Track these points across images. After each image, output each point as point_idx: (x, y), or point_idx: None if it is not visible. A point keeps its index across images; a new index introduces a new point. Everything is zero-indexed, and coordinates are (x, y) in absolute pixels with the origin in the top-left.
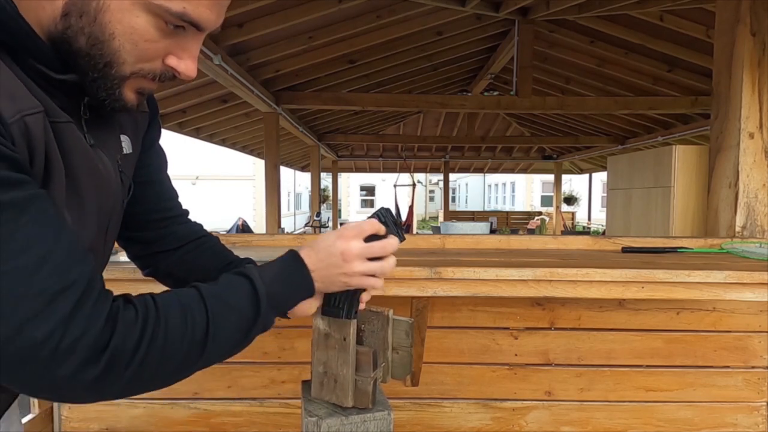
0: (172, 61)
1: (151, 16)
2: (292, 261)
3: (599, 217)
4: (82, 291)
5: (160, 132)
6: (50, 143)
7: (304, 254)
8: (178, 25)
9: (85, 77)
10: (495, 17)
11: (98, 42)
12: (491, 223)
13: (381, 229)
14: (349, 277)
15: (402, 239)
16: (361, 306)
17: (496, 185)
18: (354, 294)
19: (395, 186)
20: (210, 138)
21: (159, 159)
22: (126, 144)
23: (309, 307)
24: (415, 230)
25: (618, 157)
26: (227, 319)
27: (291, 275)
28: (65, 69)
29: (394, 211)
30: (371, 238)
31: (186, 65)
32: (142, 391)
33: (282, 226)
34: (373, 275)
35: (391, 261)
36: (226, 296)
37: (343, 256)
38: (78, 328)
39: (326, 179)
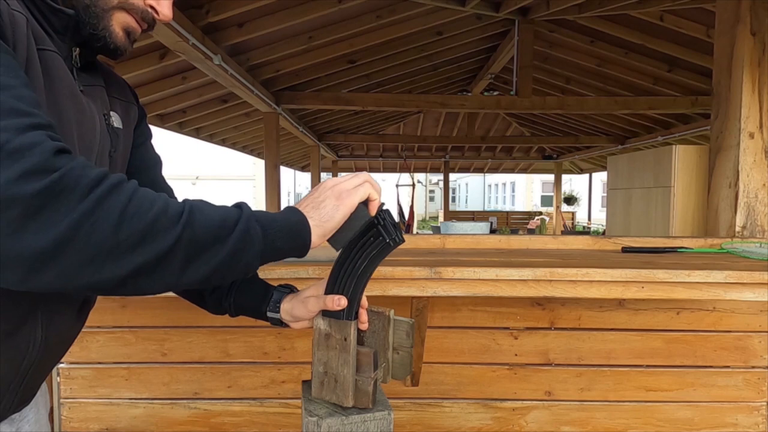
0: (152, 0)
1: None
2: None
3: (599, 217)
4: (40, 124)
5: (150, 132)
6: (32, 51)
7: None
8: None
9: (80, 4)
10: (495, 17)
11: None
12: (491, 223)
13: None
14: (338, 194)
15: (401, 241)
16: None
17: (496, 185)
18: (355, 294)
19: (397, 186)
20: (210, 138)
21: (153, 154)
22: (116, 119)
23: (307, 311)
24: (415, 230)
25: (618, 157)
26: (205, 211)
27: (278, 212)
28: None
29: (396, 211)
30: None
31: (163, 6)
32: (100, 255)
33: None
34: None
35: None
36: (207, 202)
37: (326, 183)
38: (31, 137)
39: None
